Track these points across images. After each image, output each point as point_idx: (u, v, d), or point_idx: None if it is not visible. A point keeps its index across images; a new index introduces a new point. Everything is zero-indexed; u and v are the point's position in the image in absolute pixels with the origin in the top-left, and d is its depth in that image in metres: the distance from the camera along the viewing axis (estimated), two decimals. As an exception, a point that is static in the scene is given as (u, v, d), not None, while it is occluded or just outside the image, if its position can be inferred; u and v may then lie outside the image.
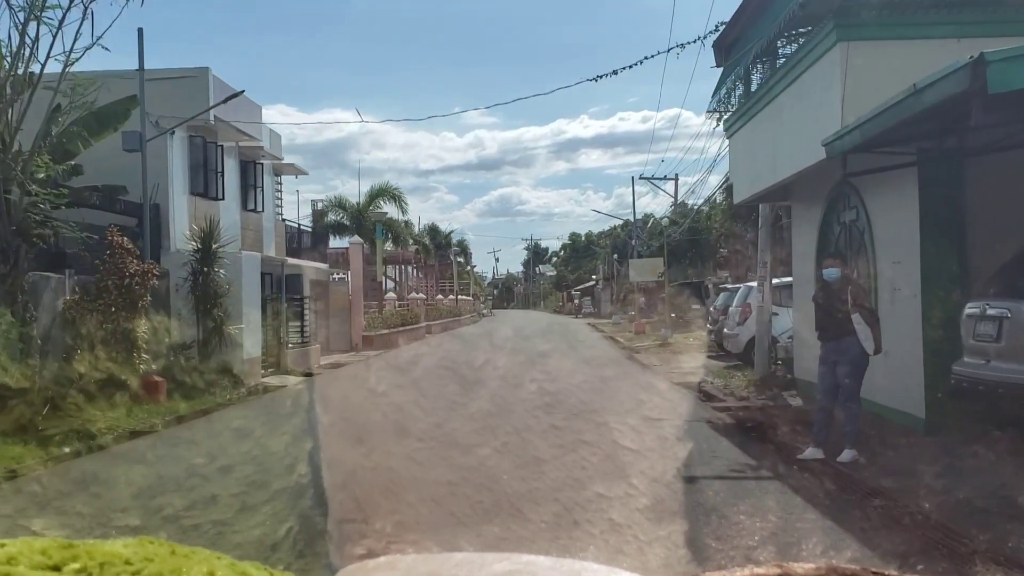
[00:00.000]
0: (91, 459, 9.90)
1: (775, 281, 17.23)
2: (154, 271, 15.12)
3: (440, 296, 55.16)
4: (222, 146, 20.73)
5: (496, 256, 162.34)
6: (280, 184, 26.41)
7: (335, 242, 51.91)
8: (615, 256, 58.01)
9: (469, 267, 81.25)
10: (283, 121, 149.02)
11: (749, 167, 15.42)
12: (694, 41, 16.00)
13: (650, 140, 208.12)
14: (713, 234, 38.63)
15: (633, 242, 45.16)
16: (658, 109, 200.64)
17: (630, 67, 19.36)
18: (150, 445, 10.98)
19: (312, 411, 12.27)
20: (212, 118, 19.44)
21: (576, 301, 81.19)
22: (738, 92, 15.80)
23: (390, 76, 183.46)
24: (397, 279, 54.95)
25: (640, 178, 45.68)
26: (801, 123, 11.69)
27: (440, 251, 57.65)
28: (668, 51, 24.47)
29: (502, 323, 55.69)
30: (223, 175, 20.69)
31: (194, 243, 17.53)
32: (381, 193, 38.28)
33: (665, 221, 46.89)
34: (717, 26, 15.92)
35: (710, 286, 39.03)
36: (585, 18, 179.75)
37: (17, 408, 10.67)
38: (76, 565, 0.79)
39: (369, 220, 36.82)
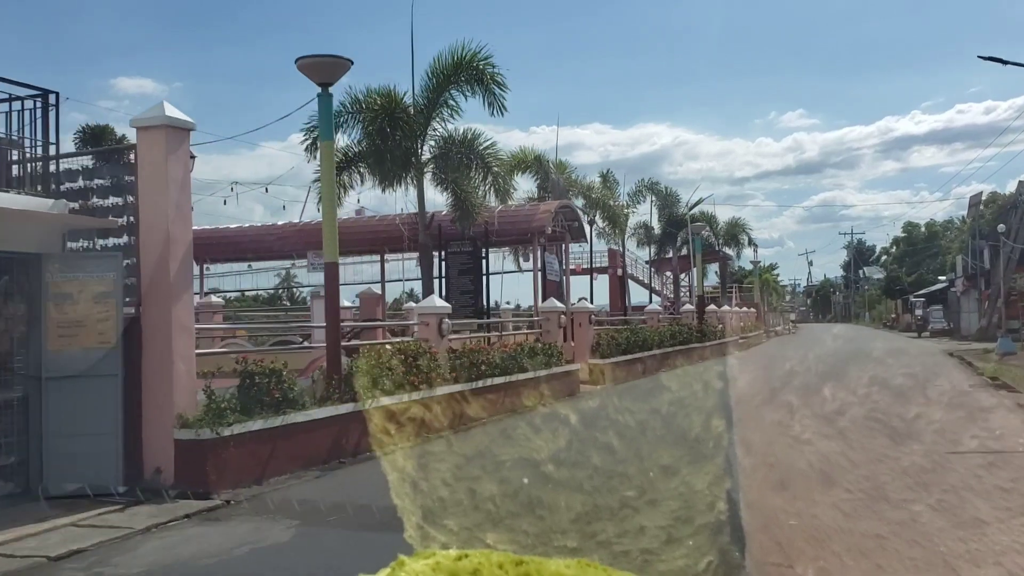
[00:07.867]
0: None
1: None
2: None
3: (661, 306, 31.36)
4: None
5: (809, 259, 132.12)
6: None
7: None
8: (1001, 227, 31.73)
9: (758, 266, 56.67)
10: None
11: None
12: None
13: (994, 132, 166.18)
14: None
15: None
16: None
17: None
18: None
19: None
20: None
21: (918, 312, 53.65)
22: None
23: (701, 86, 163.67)
24: (628, 274, 33.41)
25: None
26: None
27: (674, 230, 34.10)
28: None
29: (783, 356, 30.31)
30: None
31: None
32: (458, 69, 17.49)
33: None
34: None
35: None
36: (909, 8, 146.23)
37: None
38: None
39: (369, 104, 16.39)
